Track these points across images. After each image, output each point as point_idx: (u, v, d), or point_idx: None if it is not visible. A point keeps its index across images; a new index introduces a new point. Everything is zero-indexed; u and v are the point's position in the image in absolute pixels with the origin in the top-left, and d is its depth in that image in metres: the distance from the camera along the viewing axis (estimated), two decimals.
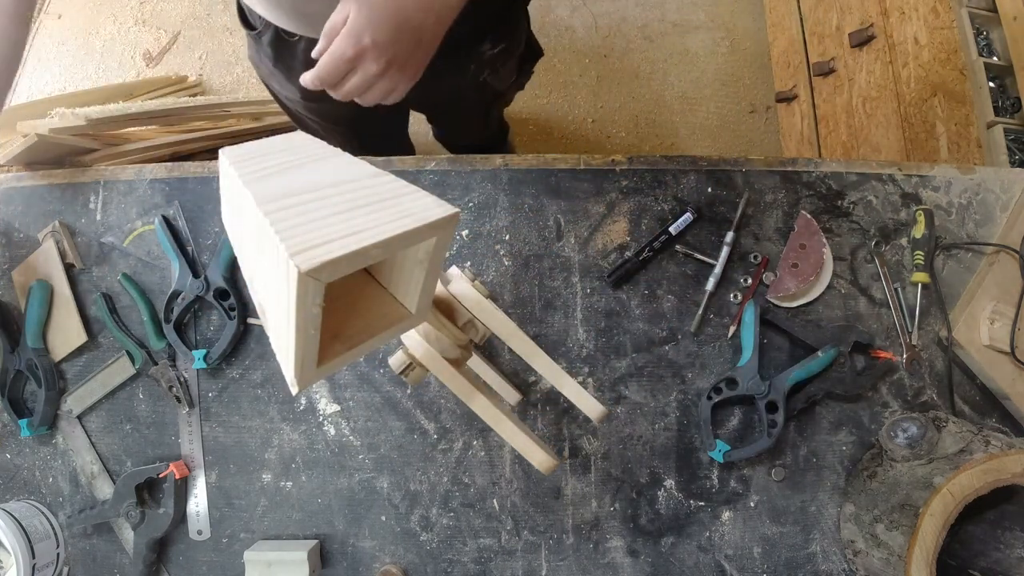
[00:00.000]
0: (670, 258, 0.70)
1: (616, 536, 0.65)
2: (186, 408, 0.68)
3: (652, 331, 0.68)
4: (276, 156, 0.33)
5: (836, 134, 1.57)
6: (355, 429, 0.68)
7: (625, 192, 0.71)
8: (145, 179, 0.73)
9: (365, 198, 0.28)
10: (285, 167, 0.31)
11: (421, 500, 0.66)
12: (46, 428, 0.69)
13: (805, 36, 1.72)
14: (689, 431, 0.67)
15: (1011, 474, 0.54)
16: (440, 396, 0.68)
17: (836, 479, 0.66)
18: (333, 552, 0.66)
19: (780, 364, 0.67)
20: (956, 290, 0.69)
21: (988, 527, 0.60)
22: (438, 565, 0.66)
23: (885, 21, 1.38)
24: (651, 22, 1.98)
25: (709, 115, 1.91)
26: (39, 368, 0.68)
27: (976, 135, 1.18)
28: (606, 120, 1.90)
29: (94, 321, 0.71)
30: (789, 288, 0.67)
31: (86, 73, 2.02)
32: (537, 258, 0.70)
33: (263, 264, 0.28)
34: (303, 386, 0.31)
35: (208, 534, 0.67)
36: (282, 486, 0.67)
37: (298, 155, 0.33)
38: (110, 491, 0.67)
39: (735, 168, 0.72)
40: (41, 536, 0.65)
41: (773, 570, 0.64)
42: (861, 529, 0.61)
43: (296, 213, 0.26)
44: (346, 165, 0.32)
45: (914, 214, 0.70)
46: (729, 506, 0.66)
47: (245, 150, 0.35)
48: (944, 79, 1.24)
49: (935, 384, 0.67)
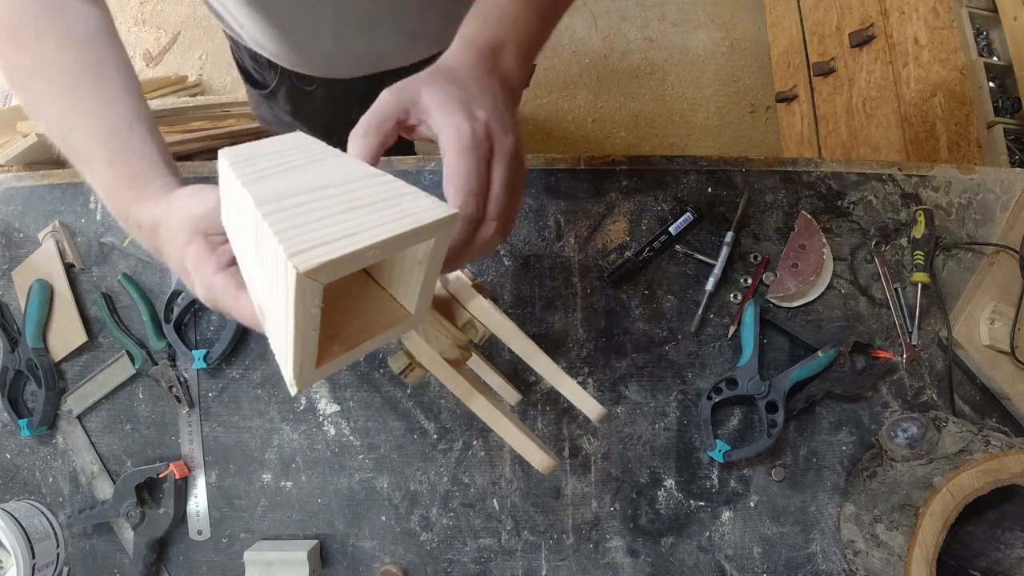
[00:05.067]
0: (670, 258, 0.70)
1: (616, 536, 0.65)
2: (186, 408, 0.68)
3: (652, 331, 0.68)
4: (275, 157, 0.33)
5: (836, 134, 1.57)
6: (355, 429, 0.68)
7: (625, 192, 0.71)
8: None
9: (364, 198, 0.27)
10: (284, 168, 0.31)
11: (421, 500, 0.66)
12: (46, 428, 0.69)
13: (805, 36, 1.72)
14: (689, 431, 0.67)
15: (1011, 474, 0.54)
16: (440, 396, 0.68)
17: (836, 479, 0.66)
18: (333, 552, 0.66)
19: (780, 364, 0.67)
20: (956, 290, 0.69)
21: (988, 527, 0.60)
22: (438, 565, 0.66)
23: (885, 21, 1.38)
24: (651, 22, 1.98)
25: (709, 115, 1.91)
26: (39, 368, 0.68)
27: (976, 135, 1.18)
28: (606, 120, 1.90)
29: (94, 321, 0.71)
30: (789, 288, 0.67)
31: None
32: (537, 258, 0.70)
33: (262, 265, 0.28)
34: (302, 387, 0.31)
35: (208, 534, 0.67)
36: (282, 486, 0.67)
37: (297, 155, 0.33)
38: (110, 491, 0.67)
39: (735, 168, 0.72)
40: (41, 536, 0.65)
41: (773, 570, 0.64)
42: (861, 529, 0.61)
43: (294, 214, 0.26)
44: (345, 165, 0.32)
45: (914, 214, 0.70)
46: (729, 506, 0.66)
47: (244, 150, 0.35)
48: (944, 79, 1.24)
49: (935, 384, 0.67)
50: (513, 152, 0.36)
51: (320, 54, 0.68)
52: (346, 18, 0.61)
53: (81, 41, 0.45)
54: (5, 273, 0.72)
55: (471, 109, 0.36)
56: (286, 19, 0.62)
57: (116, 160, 0.43)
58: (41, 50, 0.44)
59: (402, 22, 0.64)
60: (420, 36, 0.68)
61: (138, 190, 0.42)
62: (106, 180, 0.43)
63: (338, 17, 0.61)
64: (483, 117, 0.36)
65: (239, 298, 0.35)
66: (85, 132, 0.43)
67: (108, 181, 0.43)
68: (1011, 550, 0.58)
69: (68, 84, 0.44)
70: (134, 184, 0.42)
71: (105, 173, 0.43)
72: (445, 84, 0.37)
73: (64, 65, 0.44)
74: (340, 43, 0.66)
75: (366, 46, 0.66)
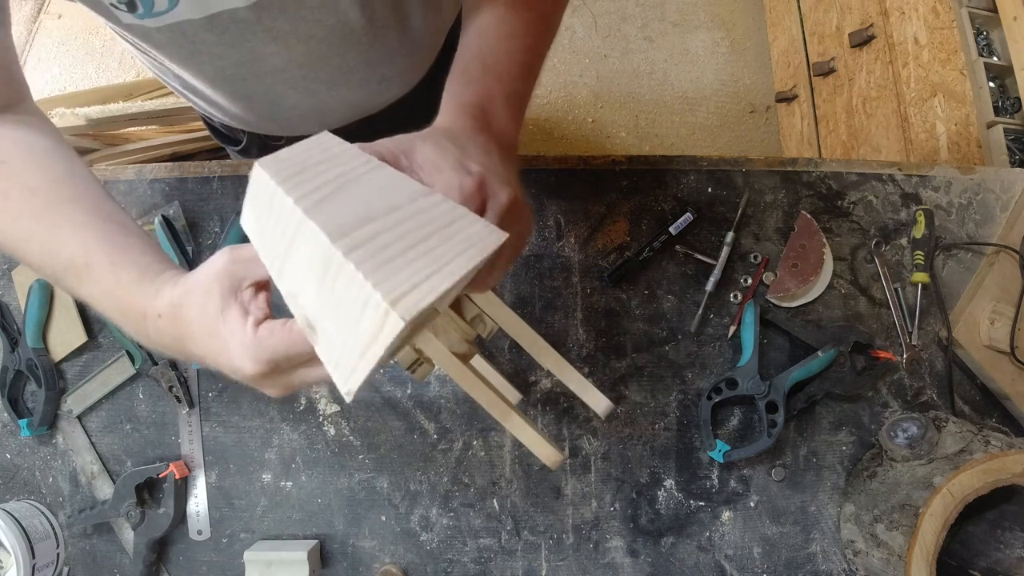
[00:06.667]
0: (670, 258, 0.70)
1: (616, 536, 0.65)
2: (186, 408, 0.68)
3: (652, 331, 0.68)
4: (322, 169, 0.33)
5: (836, 134, 1.57)
6: (355, 429, 0.68)
7: (625, 192, 0.71)
8: (145, 179, 0.73)
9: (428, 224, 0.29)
10: (336, 185, 0.32)
11: (421, 500, 0.66)
12: (46, 428, 0.69)
13: (805, 36, 1.72)
14: (689, 431, 0.67)
15: (1011, 474, 0.54)
16: (440, 396, 0.68)
17: (836, 479, 0.66)
18: (333, 552, 0.66)
19: (780, 364, 0.67)
20: (956, 290, 0.69)
21: (988, 527, 0.60)
22: (438, 565, 0.66)
23: (885, 21, 1.38)
24: (651, 22, 1.98)
25: (709, 115, 1.91)
26: (39, 368, 0.68)
27: (976, 135, 1.18)
28: (606, 120, 1.90)
29: (94, 321, 0.71)
30: (789, 288, 0.67)
31: (86, 73, 2.02)
32: (537, 258, 0.70)
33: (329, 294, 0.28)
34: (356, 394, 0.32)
35: (208, 534, 0.67)
36: (282, 486, 0.67)
37: (342, 167, 0.33)
38: (110, 491, 0.67)
39: (735, 168, 0.72)
40: (41, 536, 0.65)
41: (773, 570, 0.64)
42: (861, 529, 0.61)
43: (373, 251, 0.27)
44: (395, 180, 0.33)
45: (914, 214, 0.70)
46: (729, 506, 0.66)
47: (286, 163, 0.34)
48: (944, 79, 1.24)
49: (935, 384, 0.67)
50: (507, 206, 0.36)
51: (295, 115, 0.67)
52: (317, 76, 0.60)
53: (43, 157, 0.45)
54: (5, 273, 0.72)
55: (464, 164, 0.36)
56: (253, 89, 0.61)
57: (119, 261, 0.41)
58: (5, 173, 0.43)
59: (374, 68, 0.63)
60: (391, 79, 0.67)
61: (149, 282, 0.40)
62: (111, 283, 0.41)
63: (309, 76, 0.60)
64: (476, 171, 0.35)
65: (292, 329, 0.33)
66: (79, 243, 0.41)
67: (113, 284, 0.41)
68: (1011, 550, 0.58)
69: (44, 202, 0.42)
70: (145, 277, 0.40)
71: (109, 277, 0.41)
72: (441, 140, 0.37)
73: (35, 185, 0.43)
74: (313, 101, 0.65)
75: (339, 99, 0.66)
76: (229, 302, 0.34)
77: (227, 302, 0.34)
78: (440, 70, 0.68)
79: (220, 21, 0.49)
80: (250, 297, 0.35)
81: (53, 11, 2.10)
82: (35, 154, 0.45)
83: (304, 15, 0.52)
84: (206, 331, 0.35)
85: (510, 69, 0.44)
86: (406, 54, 0.66)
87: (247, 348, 0.33)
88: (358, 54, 0.60)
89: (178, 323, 0.37)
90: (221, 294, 0.35)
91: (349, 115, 0.71)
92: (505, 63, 0.44)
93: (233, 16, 0.49)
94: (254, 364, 0.34)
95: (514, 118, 0.44)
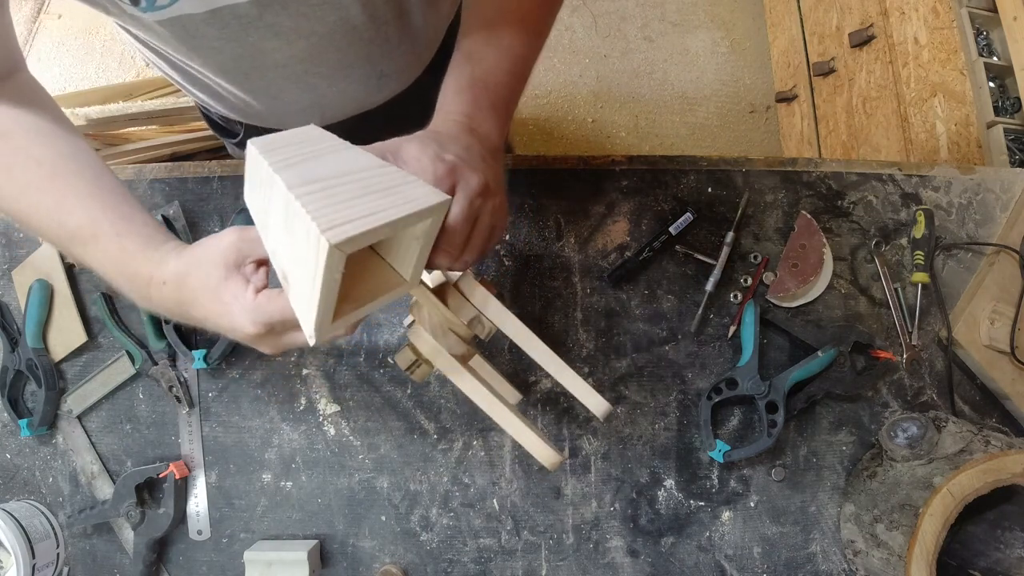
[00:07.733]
0: (670, 258, 0.70)
1: (616, 536, 0.65)
2: (186, 408, 0.68)
3: (652, 331, 0.68)
4: (298, 147, 0.38)
5: (836, 134, 1.57)
6: (355, 429, 0.68)
7: (625, 192, 0.71)
8: (145, 179, 0.73)
9: (375, 185, 0.33)
10: (306, 157, 0.37)
11: (421, 500, 0.66)
12: (46, 428, 0.69)
13: (805, 36, 1.72)
14: (689, 431, 0.67)
15: (1011, 474, 0.54)
16: (440, 396, 0.68)
17: (836, 479, 0.66)
18: (333, 552, 0.66)
19: (780, 364, 0.67)
20: (956, 290, 0.69)
21: (988, 527, 0.60)
22: (438, 565, 0.66)
23: (885, 21, 1.38)
24: (651, 22, 1.98)
25: (709, 115, 1.91)
26: (39, 368, 0.68)
27: (976, 135, 1.18)
28: (606, 120, 1.90)
29: (94, 321, 0.71)
30: (789, 288, 0.67)
31: (86, 73, 2.02)
32: (537, 258, 0.70)
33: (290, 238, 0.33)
34: (320, 339, 0.36)
35: (208, 534, 0.67)
36: (282, 486, 0.67)
37: (316, 146, 0.38)
38: (110, 491, 0.67)
39: (735, 168, 0.72)
40: (41, 536, 0.65)
41: (773, 570, 0.64)
42: (861, 529, 0.61)
43: (322, 197, 0.31)
44: (357, 156, 0.38)
45: (914, 214, 0.70)
46: (729, 506, 0.66)
47: (270, 141, 0.40)
48: (944, 79, 1.24)
49: (935, 384, 0.67)
50: (477, 190, 0.39)
51: (294, 109, 0.68)
52: (317, 71, 0.61)
53: (47, 130, 0.47)
54: (5, 273, 0.72)
55: (440, 155, 0.39)
56: (253, 83, 0.62)
57: (124, 231, 0.44)
58: (11, 146, 0.45)
59: (374, 64, 0.64)
60: (390, 75, 0.68)
61: (153, 250, 0.43)
62: (116, 253, 0.44)
63: (309, 71, 0.60)
64: (449, 159, 0.39)
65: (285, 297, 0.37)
66: (84, 214, 0.44)
67: (118, 253, 0.44)
68: (1011, 550, 0.58)
69: (49, 174, 0.45)
70: (149, 247, 0.44)
71: (114, 246, 0.44)
72: (425, 140, 0.41)
73: (40, 158, 0.45)
74: (312, 96, 0.65)
75: (338, 94, 0.66)
76: (233, 272, 0.39)
77: (231, 272, 0.39)
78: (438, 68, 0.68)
79: (222, 16, 0.50)
80: (252, 270, 0.40)
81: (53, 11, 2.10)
82: (40, 128, 0.47)
83: (306, 11, 0.53)
84: (210, 296, 0.40)
85: (498, 79, 0.48)
86: (406, 51, 0.66)
87: (247, 311, 0.38)
88: (359, 50, 0.60)
89: (183, 289, 0.41)
90: (226, 266, 0.39)
91: (348, 110, 0.71)
92: (494, 74, 0.48)
93: (235, 11, 0.50)
94: (253, 326, 0.38)
95: (499, 125, 0.48)
